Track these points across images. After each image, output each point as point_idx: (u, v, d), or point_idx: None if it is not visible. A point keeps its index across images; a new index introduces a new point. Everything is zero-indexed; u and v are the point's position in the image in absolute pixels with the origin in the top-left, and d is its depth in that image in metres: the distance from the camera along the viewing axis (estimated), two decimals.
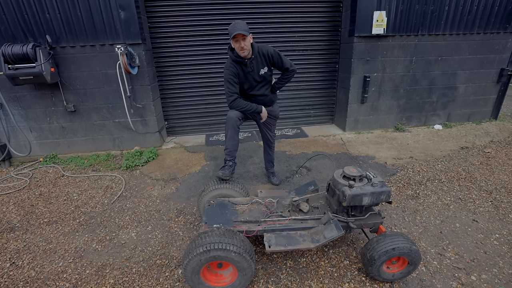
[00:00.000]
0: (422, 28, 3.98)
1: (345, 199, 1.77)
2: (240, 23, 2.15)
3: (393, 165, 3.42)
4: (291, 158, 3.60)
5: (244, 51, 2.20)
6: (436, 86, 4.42)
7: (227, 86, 2.37)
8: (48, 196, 3.00)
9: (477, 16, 4.06)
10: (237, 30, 2.09)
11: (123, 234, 2.38)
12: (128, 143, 4.01)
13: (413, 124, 4.64)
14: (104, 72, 3.58)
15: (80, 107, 3.73)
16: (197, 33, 3.99)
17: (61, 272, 2.00)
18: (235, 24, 2.14)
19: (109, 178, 3.32)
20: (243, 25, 2.15)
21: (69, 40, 3.39)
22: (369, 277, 1.87)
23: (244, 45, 2.16)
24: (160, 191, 3.01)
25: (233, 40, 2.16)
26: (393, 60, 4.10)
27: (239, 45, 2.17)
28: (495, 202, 2.67)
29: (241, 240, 1.66)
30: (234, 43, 2.19)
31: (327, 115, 4.85)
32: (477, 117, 4.81)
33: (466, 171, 3.24)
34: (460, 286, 1.81)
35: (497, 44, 4.32)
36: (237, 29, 2.10)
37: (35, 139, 3.84)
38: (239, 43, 2.16)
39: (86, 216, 2.64)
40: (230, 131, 2.40)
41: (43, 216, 2.66)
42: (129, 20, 3.37)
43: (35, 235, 2.40)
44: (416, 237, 2.24)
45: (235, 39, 2.15)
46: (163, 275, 1.95)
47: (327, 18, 4.18)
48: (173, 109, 4.41)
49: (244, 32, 2.10)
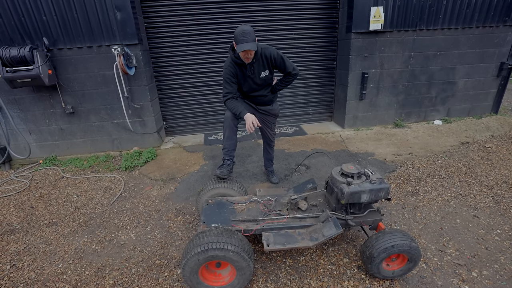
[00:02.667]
0: (420, 23, 3.95)
1: (343, 197, 1.76)
2: (248, 32, 2.00)
3: (392, 161, 3.40)
4: (290, 156, 3.59)
5: (249, 60, 2.17)
6: (435, 81, 4.39)
7: (224, 85, 2.35)
8: (48, 198, 3.01)
9: (476, 9, 4.03)
10: (247, 43, 1.98)
11: (122, 235, 2.38)
12: (127, 144, 4.02)
13: (412, 120, 4.61)
14: (101, 73, 3.58)
15: (79, 109, 3.73)
16: (194, 33, 3.98)
17: (61, 274, 2.00)
18: (244, 34, 1.99)
19: (108, 179, 3.33)
20: (251, 35, 2.01)
21: (66, 42, 3.38)
22: (369, 275, 1.86)
23: (250, 56, 2.13)
24: (159, 191, 3.01)
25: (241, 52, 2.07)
26: (391, 56, 4.08)
27: (245, 55, 2.11)
28: (496, 198, 2.65)
29: (239, 239, 1.65)
30: (240, 53, 2.08)
31: (325, 113, 4.83)
32: (477, 111, 4.77)
33: (467, 167, 3.22)
34: (461, 282, 1.80)
35: (496, 38, 4.28)
36: (246, 42, 1.98)
37: (35, 141, 3.84)
38: (246, 54, 2.10)
39: (86, 217, 2.65)
40: (227, 130, 2.39)
41: (43, 218, 2.67)
42: (125, 20, 3.36)
43: (35, 237, 2.41)
44: (416, 234, 2.23)
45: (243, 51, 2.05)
46: (162, 275, 1.95)
47: (324, 14, 4.15)
48: (171, 109, 4.40)
49: (253, 47, 2.01)
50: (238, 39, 2.02)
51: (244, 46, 1.99)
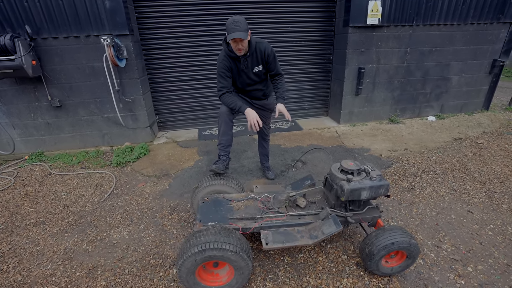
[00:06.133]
0: (417, 18, 3.93)
1: (343, 194, 1.73)
2: (239, 21, 1.94)
3: (388, 157, 3.41)
4: (286, 152, 3.55)
5: (241, 51, 2.08)
6: (430, 77, 4.41)
7: (218, 79, 2.28)
8: (35, 196, 2.87)
9: (471, 6, 4.03)
10: (236, 31, 1.92)
11: (114, 234, 2.30)
12: (118, 139, 3.88)
13: (407, 116, 4.64)
14: (90, 65, 3.42)
15: (66, 102, 3.57)
16: (187, 24, 3.83)
17: (50, 276, 1.91)
18: (234, 23, 1.93)
19: (99, 176, 3.21)
20: (242, 24, 1.94)
21: (51, 31, 3.20)
22: (368, 272, 1.85)
23: (241, 47, 2.04)
24: (153, 188, 2.92)
25: (231, 40, 2.01)
26: (388, 51, 4.05)
27: (236, 46, 2.04)
28: (489, 193, 2.69)
29: (238, 239, 1.60)
30: (231, 42, 2.04)
31: (321, 108, 4.80)
32: (470, 108, 4.84)
33: (460, 162, 3.26)
34: (457, 277, 1.81)
35: (490, 35, 4.32)
36: (236, 31, 1.92)
37: (19, 136, 3.66)
38: (237, 44, 2.02)
39: (76, 215, 2.54)
40: (223, 125, 2.31)
41: (30, 216, 2.55)
42: (115, 9, 3.20)
43: (21, 237, 2.30)
44: (413, 230, 2.24)
45: (233, 40, 2.00)
46: (157, 275, 1.89)
47: (321, 8, 4.08)
48: (164, 103, 4.27)
49: (243, 35, 1.95)
50: (228, 29, 1.97)
51: (234, 35, 1.93)
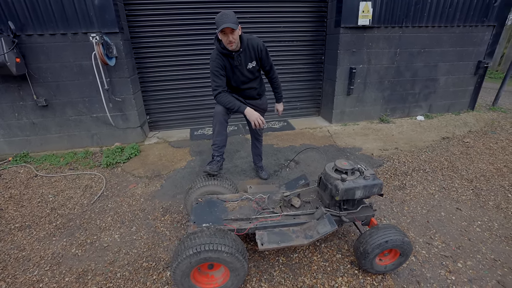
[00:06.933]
0: (406, 20, 4.01)
1: (338, 193, 1.74)
2: (228, 14, 1.97)
3: (379, 156, 3.47)
4: (279, 151, 3.55)
5: (232, 44, 2.06)
6: (418, 78, 4.51)
7: (212, 78, 2.25)
8: (20, 199, 2.76)
9: (458, 9, 4.15)
10: (225, 23, 1.92)
11: (105, 237, 2.23)
12: (108, 139, 3.79)
13: (397, 116, 4.73)
14: (78, 63, 3.31)
15: (53, 101, 3.45)
16: (178, 22, 3.78)
17: (37, 282, 1.84)
18: (222, 16, 1.96)
19: (88, 177, 3.12)
20: (231, 16, 1.97)
21: (36, 27, 3.08)
22: (362, 270, 1.87)
23: (232, 39, 2.02)
24: (144, 189, 2.86)
25: (220, 33, 2.01)
26: (378, 51, 4.12)
27: (227, 39, 2.02)
28: (476, 190, 2.77)
29: (233, 240, 1.59)
30: (221, 36, 2.03)
31: (313, 107, 4.84)
32: (456, 108, 4.98)
33: (448, 161, 3.35)
34: (448, 273, 1.86)
35: (475, 37, 4.45)
36: (225, 22, 1.92)
37: (2, 137, 3.52)
38: (227, 37, 2.01)
39: (64, 218, 2.46)
40: (217, 126, 2.29)
41: (14, 220, 2.45)
42: (103, 6, 3.11)
43: (5, 242, 2.20)
44: (405, 227, 2.28)
45: (223, 32, 1.99)
46: (150, 278, 1.85)
47: (313, 8, 4.10)
48: (155, 103, 4.20)
49: (233, 26, 1.93)
50: (218, 22, 1.96)
51: (223, 25, 1.92)
